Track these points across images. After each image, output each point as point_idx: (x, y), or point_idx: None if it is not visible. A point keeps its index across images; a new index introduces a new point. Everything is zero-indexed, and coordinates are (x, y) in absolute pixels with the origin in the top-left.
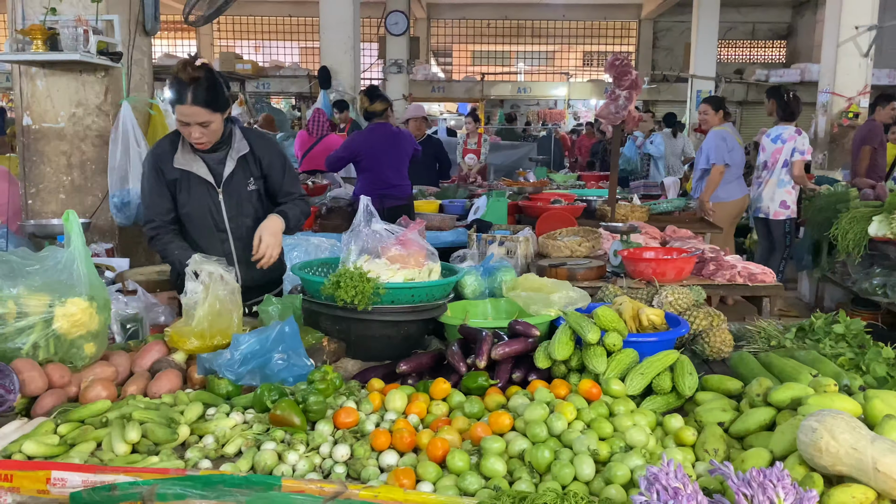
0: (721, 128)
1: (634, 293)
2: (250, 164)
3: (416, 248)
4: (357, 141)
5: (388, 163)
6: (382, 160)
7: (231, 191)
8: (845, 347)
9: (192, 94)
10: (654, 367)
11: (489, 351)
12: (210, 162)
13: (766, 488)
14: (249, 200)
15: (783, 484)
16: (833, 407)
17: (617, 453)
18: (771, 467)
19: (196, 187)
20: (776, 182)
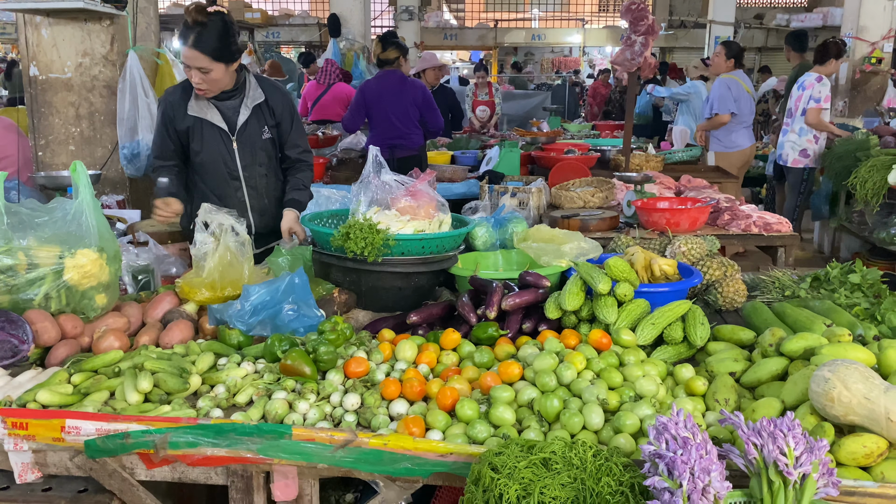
0: (729, 75)
1: (647, 243)
2: (265, 113)
3: (427, 199)
4: (364, 90)
5: (395, 112)
6: (389, 109)
7: (245, 139)
8: (861, 297)
9: (194, 38)
10: (665, 318)
11: (499, 302)
12: (224, 110)
13: (776, 438)
14: (263, 149)
15: (794, 434)
16: (847, 357)
17: (626, 403)
18: (782, 417)
19: (210, 135)
20: (798, 130)
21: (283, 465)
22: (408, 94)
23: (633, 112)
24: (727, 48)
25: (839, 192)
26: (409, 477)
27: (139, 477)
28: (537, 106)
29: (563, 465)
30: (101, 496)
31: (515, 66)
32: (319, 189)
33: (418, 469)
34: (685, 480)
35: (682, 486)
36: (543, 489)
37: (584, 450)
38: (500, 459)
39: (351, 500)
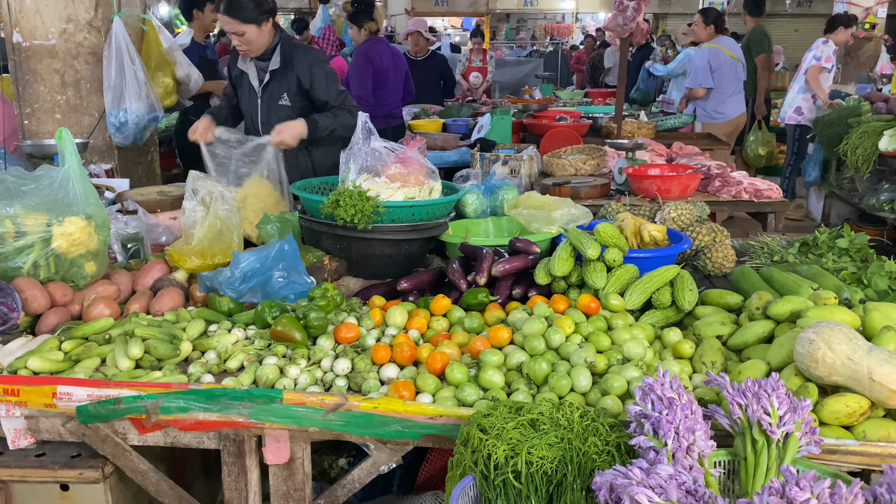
0: (711, 44)
1: (637, 210)
2: (286, 79)
3: (417, 166)
4: (371, 58)
5: (393, 82)
6: (389, 79)
7: (266, 99)
8: (848, 262)
9: (225, 5)
10: (653, 283)
11: (489, 268)
12: (258, 68)
13: (760, 398)
14: (279, 114)
15: (777, 394)
16: (832, 319)
17: (614, 365)
18: (767, 378)
19: (245, 88)
20: (797, 88)
21: (274, 429)
22: (398, 63)
23: (626, 78)
24: (704, 15)
25: (830, 158)
26: (399, 439)
27: (132, 442)
28: (529, 73)
29: (550, 426)
30: (94, 461)
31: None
32: None
33: (408, 431)
34: (670, 439)
35: (667, 444)
36: (531, 449)
37: (572, 411)
38: (488, 421)
39: (343, 464)
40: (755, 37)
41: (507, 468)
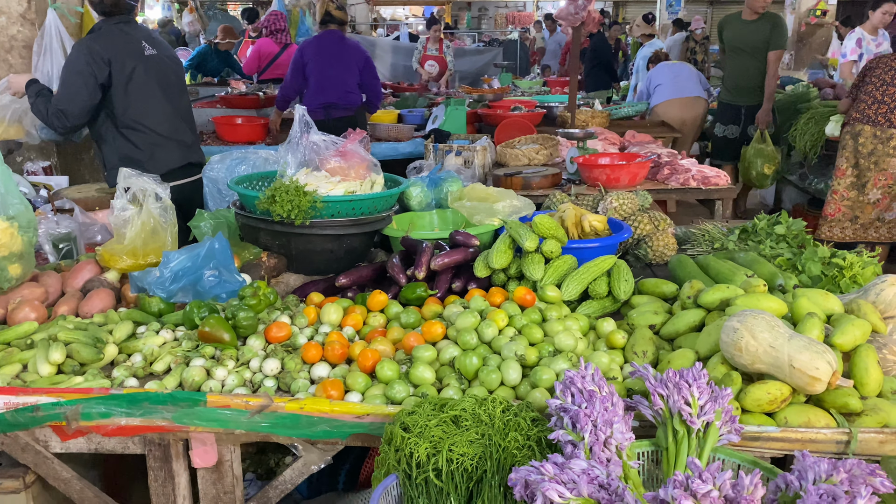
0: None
1: (582, 200)
2: None
3: (358, 159)
4: (303, 50)
5: (333, 71)
6: (327, 67)
7: None
8: (785, 248)
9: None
10: (590, 273)
11: (428, 262)
12: None
13: (680, 388)
14: None
15: (698, 384)
16: (760, 307)
17: (545, 358)
18: (689, 368)
19: None
20: None
21: (199, 432)
22: (349, 54)
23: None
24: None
25: (781, 144)
26: (328, 439)
27: (54, 449)
28: (489, 62)
29: (472, 422)
30: (15, 470)
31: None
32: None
33: (336, 431)
34: (587, 433)
35: (585, 438)
36: (452, 446)
37: (494, 406)
38: (411, 419)
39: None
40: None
41: (428, 466)
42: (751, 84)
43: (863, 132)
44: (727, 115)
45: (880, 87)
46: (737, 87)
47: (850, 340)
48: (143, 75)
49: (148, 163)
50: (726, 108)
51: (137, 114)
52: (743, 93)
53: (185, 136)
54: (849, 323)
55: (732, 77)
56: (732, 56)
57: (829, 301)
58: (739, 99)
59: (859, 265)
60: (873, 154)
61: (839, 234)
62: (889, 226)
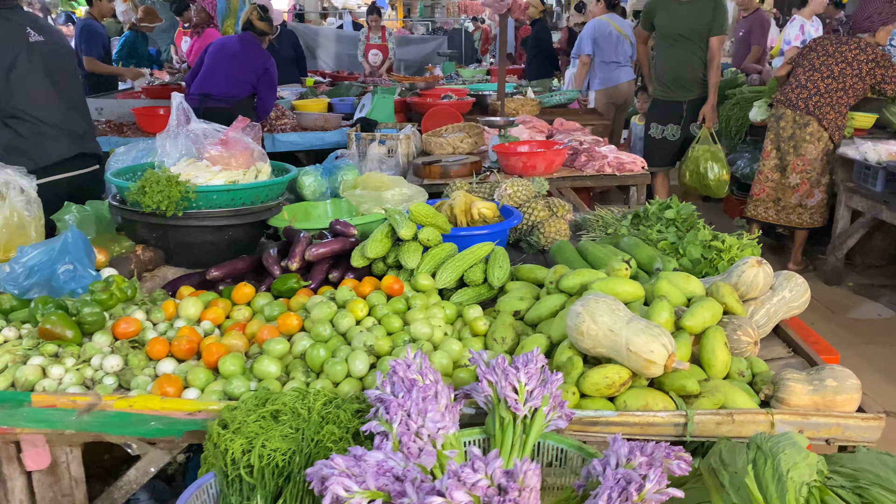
0: (600, 17)
1: (479, 188)
2: None
3: (241, 147)
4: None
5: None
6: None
7: None
8: (673, 232)
9: None
10: (466, 261)
11: (303, 252)
12: None
13: (507, 374)
14: None
15: (528, 370)
16: (615, 291)
17: (397, 347)
18: (522, 354)
19: None
20: None
21: (28, 433)
22: (249, 58)
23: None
24: None
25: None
26: (163, 437)
27: None
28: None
29: (290, 417)
30: None
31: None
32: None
33: (169, 429)
34: (396, 423)
35: (394, 428)
36: (266, 442)
37: (315, 398)
38: (231, 415)
39: (182, 459)
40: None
41: (241, 463)
42: (691, 76)
43: (784, 116)
44: (665, 114)
45: (808, 71)
46: (675, 81)
47: (699, 323)
48: (28, 63)
49: (34, 153)
50: (663, 107)
51: (21, 103)
52: (683, 87)
53: (77, 126)
54: (699, 305)
55: (669, 69)
56: (667, 45)
57: (691, 284)
58: (678, 94)
59: (737, 248)
60: (792, 138)
61: (763, 213)
62: (811, 212)
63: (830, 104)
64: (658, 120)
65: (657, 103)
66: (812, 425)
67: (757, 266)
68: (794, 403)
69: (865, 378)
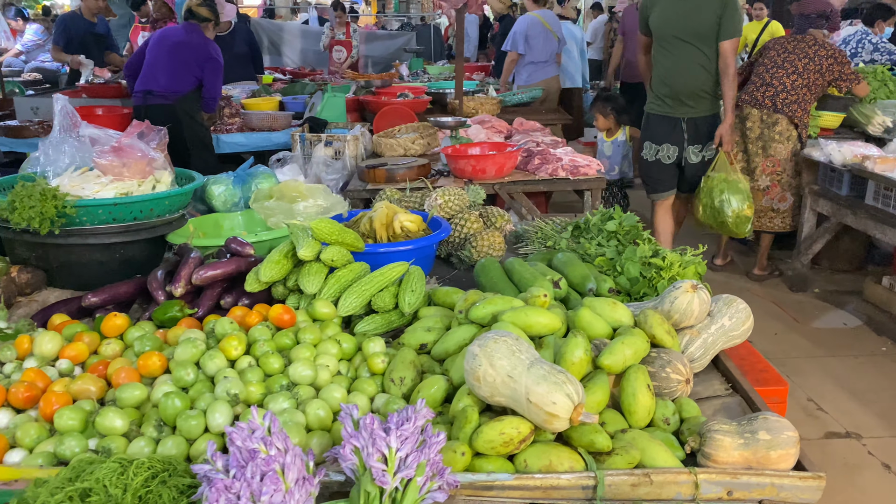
0: (531, 14)
1: (409, 197)
2: None
3: (137, 155)
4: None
5: (167, 57)
6: (162, 53)
7: None
8: (613, 246)
9: None
10: (374, 283)
11: (189, 275)
12: None
13: (376, 439)
14: None
15: (401, 431)
16: (528, 323)
17: (270, 395)
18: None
19: None
20: None
21: None
22: (191, 49)
23: (463, 51)
24: None
25: None
26: None
27: None
28: (401, 48)
29: (102, 497)
30: None
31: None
32: None
33: None
34: None
35: None
36: None
37: (137, 473)
38: (35, 492)
39: None
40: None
41: None
42: (690, 88)
43: (750, 115)
44: (659, 132)
45: (771, 68)
46: (671, 94)
47: (618, 361)
48: None
49: None
50: (658, 123)
51: None
52: (680, 101)
53: None
54: (619, 341)
55: (664, 79)
56: (662, 49)
57: (617, 312)
58: (677, 109)
59: (679, 265)
60: (761, 139)
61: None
62: (783, 216)
63: (797, 101)
64: (651, 138)
65: (651, 119)
66: (742, 485)
67: (691, 291)
68: (722, 460)
69: (828, 394)
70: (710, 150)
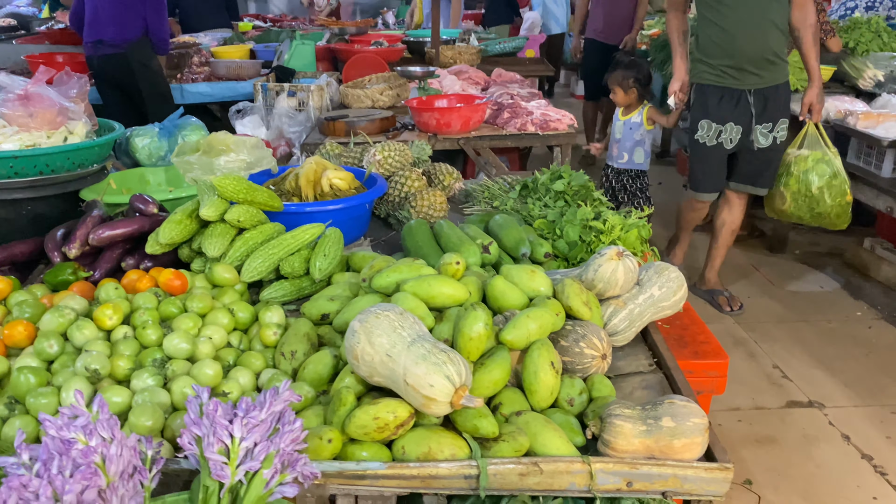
0: None
1: (350, 153)
2: None
3: (46, 104)
4: None
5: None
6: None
7: None
8: (559, 208)
9: None
10: (284, 247)
11: (86, 235)
12: None
13: (217, 427)
14: None
15: (249, 418)
16: (431, 293)
17: (136, 371)
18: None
19: None
20: None
21: None
22: None
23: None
24: None
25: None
26: None
27: None
28: None
29: None
30: None
31: None
32: None
33: None
34: None
35: None
36: None
37: None
38: None
39: None
40: None
41: None
42: (764, 51)
43: None
44: (715, 107)
45: None
46: (736, 62)
47: (521, 336)
48: None
49: None
50: (712, 94)
51: None
52: (745, 68)
53: None
54: (524, 314)
55: (726, 43)
56: (724, 5)
57: (535, 281)
58: (740, 79)
59: (620, 228)
60: None
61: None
62: None
63: None
64: (710, 115)
65: (708, 92)
66: (643, 476)
67: (616, 259)
68: (622, 448)
69: (794, 361)
70: (781, 128)
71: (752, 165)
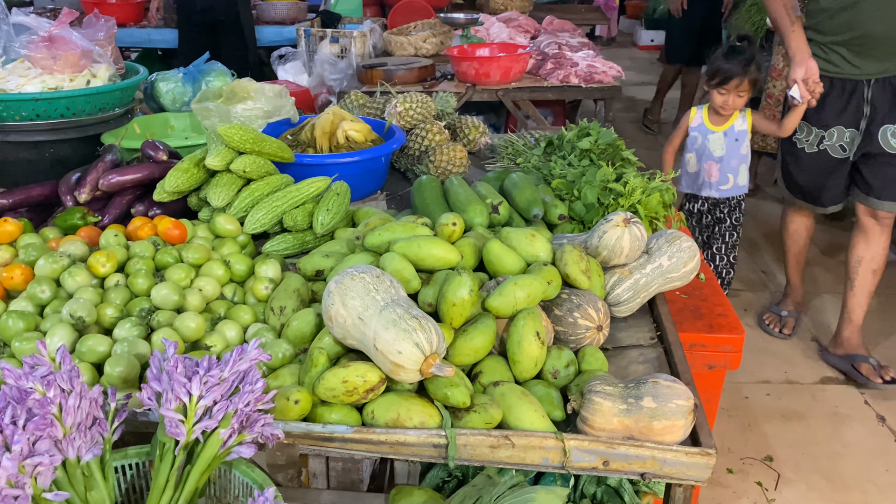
0: None
1: (373, 103)
2: None
3: (70, 47)
4: None
5: None
6: None
7: None
8: (582, 167)
9: None
10: (288, 200)
11: (96, 181)
12: None
13: (174, 385)
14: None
15: (209, 375)
16: (420, 255)
17: (122, 320)
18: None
19: None
20: None
21: None
22: None
23: None
24: None
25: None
26: None
27: None
28: None
29: None
30: None
31: None
32: None
33: None
34: None
35: None
36: None
37: None
38: None
39: None
40: None
41: None
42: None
43: None
44: (831, 106)
45: None
46: (860, 44)
47: (507, 304)
48: None
49: None
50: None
51: None
52: (873, 54)
53: None
54: (511, 281)
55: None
56: None
57: (535, 245)
58: (864, 66)
59: (641, 191)
60: None
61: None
62: None
63: None
64: (808, 117)
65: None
66: (620, 456)
67: (622, 226)
68: (600, 426)
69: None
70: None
71: (877, 174)
